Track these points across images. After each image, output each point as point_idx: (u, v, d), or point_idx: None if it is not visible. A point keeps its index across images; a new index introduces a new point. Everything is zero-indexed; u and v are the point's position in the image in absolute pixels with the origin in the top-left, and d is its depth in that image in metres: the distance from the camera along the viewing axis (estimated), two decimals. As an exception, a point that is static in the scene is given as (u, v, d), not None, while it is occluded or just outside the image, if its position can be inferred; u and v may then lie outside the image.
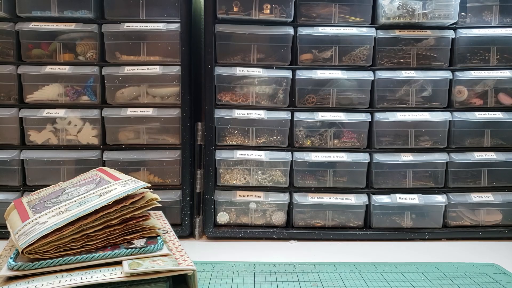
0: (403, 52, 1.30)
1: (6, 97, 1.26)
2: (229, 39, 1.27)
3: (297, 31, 1.26)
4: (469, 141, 1.32)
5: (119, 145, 1.27)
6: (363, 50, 1.29)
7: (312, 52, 1.29)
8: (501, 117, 1.29)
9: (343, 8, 1.29)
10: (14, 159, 1.24)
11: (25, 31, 1.23)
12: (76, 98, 1.26)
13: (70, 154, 1.25)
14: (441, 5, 1.26)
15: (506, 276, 1.00)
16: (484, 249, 1.21)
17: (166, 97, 1.28)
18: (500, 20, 1.30)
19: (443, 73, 1.29)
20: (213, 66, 1.26)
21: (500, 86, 1.31)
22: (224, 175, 1.29)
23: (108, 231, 0.77)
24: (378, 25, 1.28)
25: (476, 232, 1.29)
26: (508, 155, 1.29)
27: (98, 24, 1.24)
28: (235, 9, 1.25)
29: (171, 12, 1.25)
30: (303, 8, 1.28)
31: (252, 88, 1.29)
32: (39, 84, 1.25)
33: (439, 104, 1.31)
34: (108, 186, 0.84)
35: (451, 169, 1.30)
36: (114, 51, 1.26)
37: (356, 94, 1.30)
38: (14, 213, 0.85)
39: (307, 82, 1.28)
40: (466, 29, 1.28)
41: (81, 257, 0.73)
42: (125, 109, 1.25)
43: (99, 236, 0.77)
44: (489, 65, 1.30)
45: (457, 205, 1.30)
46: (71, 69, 1.24)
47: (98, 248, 0.77)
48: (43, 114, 1.23)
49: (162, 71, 1.24)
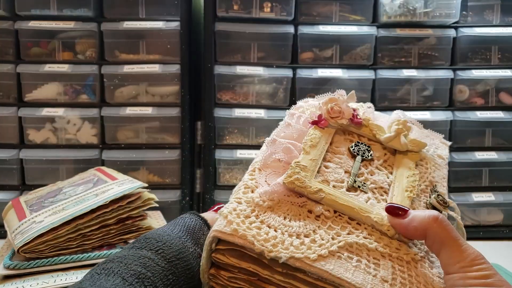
0: (404, 51, 1.29)
1: (5, 96, 1.25)
2: (229, 37, 1.27)
3: (297, 29, 1.25)
4: (470, 140, 1.31)
5: (118, 144, 1.26)
6: (364, 49, 1.28)
7: (312, 50, 1.28)
8: (503, 116, 1.28)
9: (344, 7, 1.28)
10: (13, 158, 1.23)
11: (24, 30, 1.23)
12: (75, 97, 1.26)
13: (69, 153, 1.24)
14: (442, 4, 1.25)
15: (507, 276, 0.99)
16: (485, 249, 1.19)
17: (166, 96, 1.27)
18: (502, 19, 1.29)
19: (444, 72, 1.28)
20: (213, 64, 1.25)
21: (501, 85, 1.30)
22: (224, 174, 1.29)
23: (104, 230, 0.77)
24: (379, 24, 1.27)
25: (477, 232, 1.28)
26: (509, 154, 1.29)
27: (97, 23, 1.23)
28: (235, 8, 1.24)
29: (171, 10, 1.24)
30: (303, 7, 1.27)
31: (252, 87, 1.28)
32: (38, 83, 1.25)
33: (440, 103, 1.30)
34: (105, 185, 0.83)
35: (452, 169, 1.29)
36: (114, 50, 1.26)
37: (357, 93, 1.28)
38: (11, 212, 0.84)
39: (307, 81, 1.27)
40: (468, 28, 1.27)
41: (77, 256, 0.72)
42: (124, 108, 1.24)
43: (95, 235, 0.76)
44: (490, 65, 1.29)
45: (458, 205, 1.29)
46: (70, 67, 1.23)
47: (94, 248, 0.76)
48: (42, 113, 1.23)
49: (162, 69, 1.23)
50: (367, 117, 0.57)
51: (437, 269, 0.41)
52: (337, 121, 0.54)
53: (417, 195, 0.49)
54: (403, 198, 0.46)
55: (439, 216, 0.39)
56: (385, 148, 0.54)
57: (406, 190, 0.47)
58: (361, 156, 0.51)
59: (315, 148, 0.49)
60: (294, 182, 0.44)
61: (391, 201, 0.46)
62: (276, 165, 0.49)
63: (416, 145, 0.54)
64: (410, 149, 0.53)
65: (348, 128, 0.55)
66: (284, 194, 0.44)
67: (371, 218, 0.42)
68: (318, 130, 0.52)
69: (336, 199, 0.44)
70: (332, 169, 0.49)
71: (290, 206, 0.44)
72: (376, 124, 0.56)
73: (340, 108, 0.54)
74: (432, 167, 0.55)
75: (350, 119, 0.55)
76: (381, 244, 0.41)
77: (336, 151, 0.52)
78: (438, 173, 0.55)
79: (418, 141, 0.54)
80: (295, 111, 0.57)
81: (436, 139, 0.62)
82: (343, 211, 0.44)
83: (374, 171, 0.51)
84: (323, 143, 0.51)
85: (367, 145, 0.53)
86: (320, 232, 0.41)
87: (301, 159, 0.47)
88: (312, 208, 0.43)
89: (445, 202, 0.49)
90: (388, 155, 0.54)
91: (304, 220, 0.42)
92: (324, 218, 0.43)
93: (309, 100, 0.62)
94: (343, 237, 0.41)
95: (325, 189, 0.45)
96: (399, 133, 0.53)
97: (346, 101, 0.56)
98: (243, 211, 0.43)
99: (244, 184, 0.48)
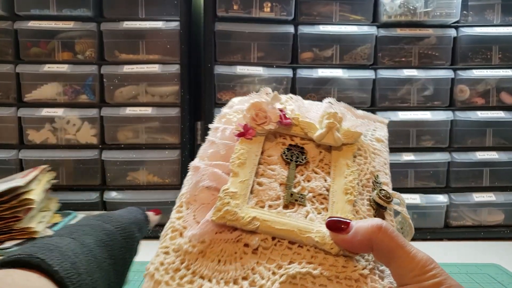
0: (404, 51, 1.29)
1: (5, 96, 1.25)
2: (229, 37, 1.27)
3: (297, 29, 1.25)
4: (471, 140, 1.31)
5: (118, 145, 1.26)
6: (364, 49, 1.28)
7: (312, 50, 1.28)
8: (503, 116, 1.28)
9: (344, 7, 1.28)
10: (12, 158, 1.23)
11: (23, 30, 1.22)
12: (74, 97, 1.25)
13: (68, 154, 1.24)
14: (442, 4, 1.25)
15: (508, 277, 0.99)
16: (486, 250, 1.20)
17: (166, 96, 1.27)
18: (502, 19, 1.29)
19: (445, 72, 1.28)
20: (213, 64, 1.25)
21: (502, 85, 1.30)
22: (224, 174, 1.28)
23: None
24: (379, 24, 1.27)
25: (477, 232, 1.28)
26: (510, 154, 1.28)
27: (97, 23, 1.23)
28: (235, 7, 1.24)
29: (171, 10, 1.24)
30: (303, 6, 1.27)
31: (252, 87, 1.28)
32: (38, 83, 1.24)
33: (440, 103, 1.30)
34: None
35: (452, 169, 1.29)
36: (113, 50, 1.26)
37: (357, 93, 1.29)
38: None
39: (307, 81, 1.27)
40: (468, 27, 1.27)
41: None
42: (124, 108, 1.24)
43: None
44: (491, 64, 1.29)
45: (459, 205, 1.29)
46: (70, 68, 1.23)
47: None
48: (41, 113, 1.22)
49: (162, 69, 1.23)
50: (296, 114, 0.53)
51: (388, 278, 0.39)
52: (264, 127, 0.50)
53: (360, 193, 0.46)
54: (343, 204, 0.43)
55: (382, 224, 0.36)
56: (319, 145, 0.51)
57: (346, 193, 0.44)
58: (295, 162, 0.48)
59: (244, 165, 0.46)
60: (224, 217, 0.40)
61: (331, 208, 0.43)
62: (204, 196, 0.44)
63: (350, 137, 0.50)
64: (345, 142, 0.50)
65: (278, 131, 0.51)
66: (215, 232, 0.40)
67: (312, 238, 0.39)
68: (246, 143, 0.48)
69: (272, 225, 0.40)
70: (266, 186, 0.45)
71: (223, 245, 0.39)
72: (306, 122, 0.52)
73: (265, 113, 0.50)
74: (371, 155, 0.52)
75: (278, 121, 0.51)
76: (326, 265, 0.38)
77: (268, 161, 0.48)
78: (378, 160, 0.52)
79: (351, 131, 0.50)
80: (219, 124, 0.53)
81: (373, 122, 0.59)
82: (282, 236, 0.40)
83: (310, 176, 0.47)
84: (253, 157, 0.47)
85: (300, 147, 0.50)
86: (259, 269, 0.38)
87: (229, 184, 0.43)
88: (248, 241, 0.40)
89: (388, 196, 0.45)
90: (323, 153, 0.50)
91: (241, 259, 0.38)
92: (262, 250, 0.39)
93: (234, 102, 0.58)
94: (285, 269, 0.37)
95: (260, 215, 0.41)
96: (331, 127, 0.49)
97: (271, 103, 0.52)
98: (171, 264, 0.38)
99: (171, 226, 0.42)
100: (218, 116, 0.54)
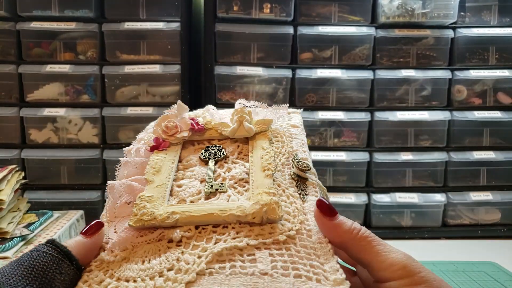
0: (402, 52, 1.30)
1: (7, 96, 1.26)
2: (229, 38, 1.28)
3: (297, 30, 1.26)
4: (468, 140, 1.32)
5: (119, 144, 1.27)
6: (362, 49, 1.29)
7: (312, 51, 1.29)
8: (500, 116, 1.29)
9: (343, 8, 1.29)
10: (14, 158, 1.24)
11: (26, 31, 1.24)
12: (76, 97, 1.27)
13: (70, 153, 1.25)
14: (440, 5, 1.26)
15: (504, 274, 1.00)
16: (483, 248, 1.21)
17: (166, 96, 1.28)
18: (499, 20, 1.30)
19: (443, 72, 1.29)
20: (213, 65, 1.26)
21: (499, 85, 1.31)
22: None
23: None
24: (377, 25, 1.28)
25: (475, 230, 1.29)
26: (507, 154, 1.30)
27: (98, 23, 1.24)
28: (235, 8, 1.25)
29: (171, 11, 1.25)
30: (303, 7, 1.28)
31: (252, 87, 1.29)
32: (40, 83, 1.26)
33: (438, 103, 1.31)
34: None
35: (450, 168, 1.31)
36: (115, 50, 1.27)
37: (356, 93, 1.30)
38: None
39: (307, 81, 1.28)
40: (465, 28, 1.29)
41: None
42: (125, 108, 1.25)
43: None
44: (488, 65, 1.30)
45: (456, 204, 1.31)
46: (72, 68, 1.24)
47: None
48: (43, 113, 1.24)
49: (162, 70, 1.24)
50: (208, 120, 0.54)
51: (316, 235, 0.39)
52: (177, 136, 0.51)
53: (280, 170, 0.47)
54: (263, 180, 0.44)
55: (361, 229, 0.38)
56: (236, 141, 0.52)
57: (263, 170, 0.45)
58: (213, 158, 0.49)
59: (160, 173, 0.46)
60: (141, 219, 0.40)
61: (252, 186, 0.43)
62: (125, 210, 0.44)
63: (262, 125, 0.52)
64: (258, 130, 0.51)
65: (195, 138, 0.53)
66: (137, 237, 0.40)
67: (233, 215, 0.39)
68: (161, 153, 0.49)
69: (192, 213, 0.40)
70: (186, 185, 0.45)
71: (146, 247, 0.39)
72: (219, 122, 0.53)
73: (174, 123, 0.52)
74: (288, 138, 0.53)
75: (190, 128, 0.52)
76: (252, 236, 0.38)
77: (187, 166, 0.49)
78: (296, 142, 0.53)
79: (262, 120, 0.52)
80: (131, 146, 0.53)
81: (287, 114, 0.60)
82: (204, 222, 0.40)
83: (231, 167, 0.48)
84: (169, 164, 0.48)
85: (218, 146, 0.51)
86: (184, 257, 0.37)
87: (145, 192, 0.43)
88: (170, 237, 0.39)
89: (306, 166, 0.46)
90: (241, 146, 0.51)
91: (165, 254, 0.38)
92: (186, 240, 0.39)
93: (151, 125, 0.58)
94: (210, 250, 0.37)
95: (179, 209, 0.41)
96: (241, 120, 0.51)
97: (178, 113, 0.53)
98: (94, 278, 0.37)
99: None
100: (135, 141, 0.54)
